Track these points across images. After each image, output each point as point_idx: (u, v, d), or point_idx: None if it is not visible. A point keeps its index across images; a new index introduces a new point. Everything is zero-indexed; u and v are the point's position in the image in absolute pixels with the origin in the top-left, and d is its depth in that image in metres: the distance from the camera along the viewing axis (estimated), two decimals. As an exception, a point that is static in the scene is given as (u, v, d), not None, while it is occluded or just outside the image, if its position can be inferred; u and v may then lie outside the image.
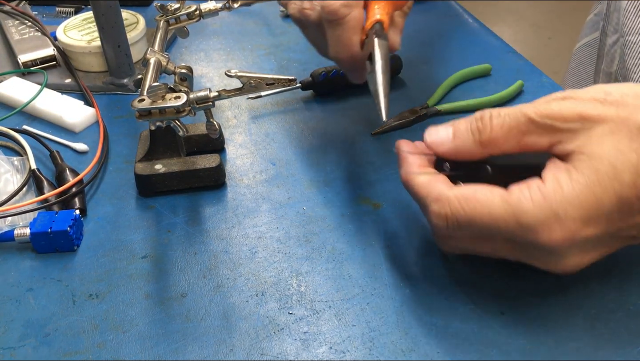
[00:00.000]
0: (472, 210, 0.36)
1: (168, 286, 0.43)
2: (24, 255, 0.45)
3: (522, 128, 0.37)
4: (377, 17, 0.47)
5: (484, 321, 0.40)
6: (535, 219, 0.34)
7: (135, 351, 0.38)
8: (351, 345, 0.39)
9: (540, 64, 0.71)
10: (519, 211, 0.35)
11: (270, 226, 0.48)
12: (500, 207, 0.35)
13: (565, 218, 0.34)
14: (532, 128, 0.36)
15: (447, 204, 0.37)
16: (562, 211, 0.34)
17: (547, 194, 0.34)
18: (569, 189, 0.34)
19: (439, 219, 0.38)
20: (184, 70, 0.50)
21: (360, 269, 0.44)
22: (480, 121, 0.38)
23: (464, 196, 0.37)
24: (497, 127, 0.37)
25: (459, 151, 0.39)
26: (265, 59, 0.71)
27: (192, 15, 0.60)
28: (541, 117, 0.36)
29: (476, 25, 0.77)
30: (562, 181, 0.35)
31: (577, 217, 0.34)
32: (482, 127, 0.38)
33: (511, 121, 0.37)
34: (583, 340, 0.38)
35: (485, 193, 0.36)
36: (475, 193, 0.36)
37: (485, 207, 0.36)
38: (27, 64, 0.66)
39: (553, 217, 0.34)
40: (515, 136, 0.37)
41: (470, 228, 0.37)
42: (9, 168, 0.51)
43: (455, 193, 0.37)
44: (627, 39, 0.64)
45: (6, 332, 0.40)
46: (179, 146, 0.51)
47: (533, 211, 0.34)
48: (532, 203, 0.34)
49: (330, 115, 0.60)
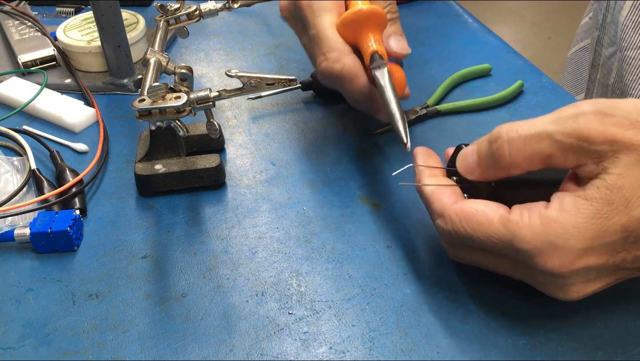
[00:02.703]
0: (472, 230, 0.36)
1: (168, 286, 0.43)
2: (24, 255, 0.45)
3: (545, 151, 0.35)
4: (371, 49, 0.48)
5: (484, 321, 0.40)
6: (531, 246, 0.34)
7: (135, 351, 0.38)
8: (351, 345, 0.39)
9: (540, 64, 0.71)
10: (515, 236, 0.35)
11: (270, 226, 0.48)
12: (499, 230, 0.35)
13: (563, 247, 0.34)
14: (557, 151, 0.34)
15: (449, 220, 0.37)
16: (560, 241, 0.34)
17: (547, 223, 0.34)
18: (571, 220, 0.33)
19: (443, 233, 0.39)
20: (184, 70, 0.50)
21: (360, 269, 0.44)
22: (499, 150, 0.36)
23: (465, 215, 0.37)
24: (518, 152, 0.35)
25: (486, 177, 0.38)
26: (265, 59, 0.71)
27: (192, 15, 0.60)
28: (567, 137, 0.34)
29: (476, 25, 0.77)
30: (566, 209, 0.34)
31: (577, 248, 0.33)
32: (501, 156, 0.36)
33: (534, 145, 0.35)
34: (583, 340, 0.38)
35: (486, 214, 0.36)
36: (475, 213, 0.36)
37: (483, 229, 0.36)
38: (27, 64, 0.66)
39: (550, 246, 0.34)
40: (539, 159, 0.35)
41: (473, 243, 0.37)
42: (9, 168, 0.51)
43: (457, 210, 0.37)
44: (626, 54, 0.63)
45: (6, 332, 0.40)
46: (179, 146, 0.51)
47: (529, 238, 0.34)
48: (530, 229, 0.34)
49: (330, 115, 0.60)
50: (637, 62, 0.62)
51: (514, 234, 0.35)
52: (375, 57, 0.47)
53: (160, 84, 0.45)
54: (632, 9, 0.62)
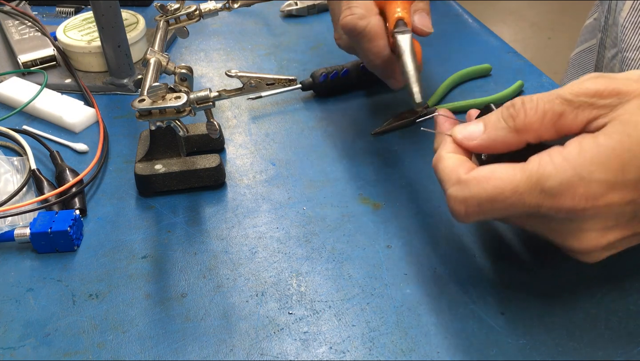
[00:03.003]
0: (494, 188, 0.35)
1: (168, 286, 0.43)
2: (24, 255, 0.45)
3: (557, 110, 0.35)
4: (397, 15, 0.48)
5: (484, 321, 0.40)
6: (558, 181, 0.33)
7: (135, 351, 0.38)
8: (351, 345, 0.39)
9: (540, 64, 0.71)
10: (541, 176, 0.34)
11: (270, 226, 0.48)
12: (522, 177, 0.34)
13: (589, 179, 0.33)
14: (569, 109, 0.35)
15: (466, 187, 0.36)
16: (585, 172, 0.33)
17: (570, 157, 0.34)
18: (593, 152, 0.33)
19: (457, 204, 0.37)
20: (184, 70, 0.50)
21: (360, 269, 0.44)
22: (513, 107, 0.37)
23: (484, 176, 0.36)
24: (532, 111, 0.36)
25: (493, 142, 0.38)
26: (265, 59, 0.71)
27: (192, 15, 0.60)
28: (577, 95, 0.35)
29: (476, 25, 0.77)
30: (585, 145, 0.34)
31: (602, 180, 0.33)
32: (515, 113, 0.36)
33: (545, 104, 0.36)
34: (583, 340, 0.38)
35: (505, 169, 0.35)
36: (493, 171, 0.36)
37: (507, 182, 0.35)
38: (27, 64, 0.66)
39: (576, 178, 0.33)
40: (551, 119, 0.36)
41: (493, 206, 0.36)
42: (9, 168, 0.51)
43: (474, 175, 0.36)
44: (625, 55, 0.63)
45: (6, 332, 0.40)
46: (179, 146, 0.51)
47: (556, 173, 0.34)
48: (554, 166, 0.34)
49: (330, 115, 0.60)
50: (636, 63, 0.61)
51: (538, 174, 0.34)
52: (400, 23, 0.48)
53: (160, 84, 0.45)
54: (631, 10, 0.62)
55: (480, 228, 0.46)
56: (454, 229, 0.46)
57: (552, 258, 0.43)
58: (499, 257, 0.44)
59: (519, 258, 0.44)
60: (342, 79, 0.62)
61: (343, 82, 0.62)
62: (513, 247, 0.45)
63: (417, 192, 0.50)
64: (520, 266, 0.43)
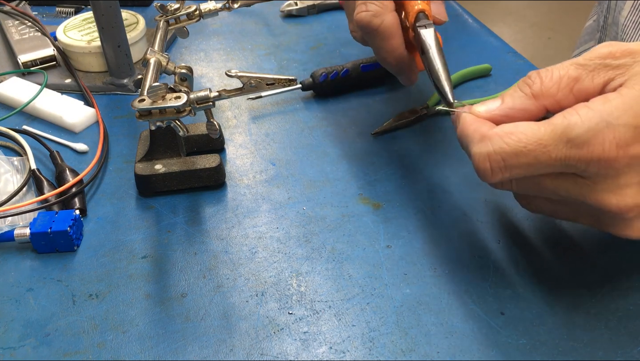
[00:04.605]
0: (517, 142, 0.34)
1: (168, 286, 0.43)
2: (24, 255, 0.45)
3: (572, 74, 0.36)
4: (417, 7, 0.47)
5: (484, 321, 0.40)
6: (585, 128, 0.33)
7: (135, 351, 0.38)
8: (351, 345, 0.39)
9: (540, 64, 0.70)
10: (567, 127, 0.33)
11: (270, 226, 0.48)
12: (547, 130, 0.34)
13: (616, 123, 0.33)
14: (584, 72, 0.36)
15: (489, 142, 0.35)
16: (613, 117, 0.33)
17: (594, 106, 0.34)
18: (618, 100, 0.33)
19: (481, 160, 0.36)
20: (184, 70, 0.50)
21: (360, 269, 0.44)
22: (529, 77, 0.37)
23: (507, 131, 0.35)
24: (547, 77, 0.36)
25: (512, 110, 0.37)
26: (265, 59, 0.71)
27: (192, 15, 0.60)
28: (590, 59, 0.36)
29: (476, 25, 0.77)
30: (609, 96, 0.34)
31: (630, 124, 0.32)
32: (531, 82, 0.37)
33: (560, 70, 0.36)
34: (583, 340, 0.38)
35: (529, 123, 0.35)
36: (517, 126, 0.35)
37: (530, 135, 0.34)
38: (27, 64, 0.66)
39: (604, 124, 0.33)
40: (567, 84, 0.36)
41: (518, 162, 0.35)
42: (9, 168, 0.51)
43: (497, 130, 0.35)
44: None
45: (6, 332, 0.40)
46: (179, 146, 0.51)
47: (582, 122, 0.33)
48: (579, 116, 0.33)
49: (330, 115, 0.60)
50: None
51: (563, 125, 0.33)
52: (421, 15, 0.47)
53: (160, 84, 0.45)
54: (632, 9, 0.62)
55: (481, 228, 0.46)
56: (454, 229, 0.46)
57: (552, 258, 0.43)
58: (499, 257, 0.44)
59: (519, 258, 0.44)
60: (342, 79, 0.62)
61: (343, 82, 0.62)
62: (513, 247, 0.45)
63: (417, 192, 0.50)
64: (521, 266, 0.43)
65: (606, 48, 0.36)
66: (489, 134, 0.36)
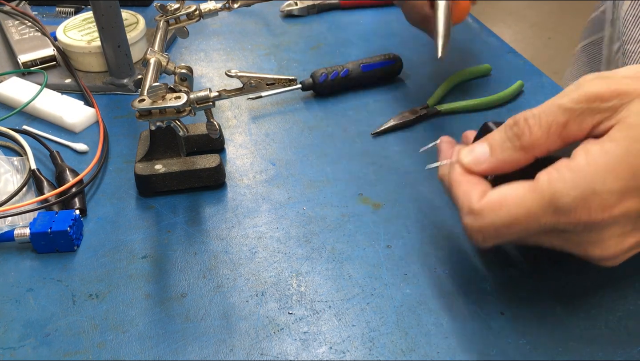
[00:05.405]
0: (507, 214, 0.35)
1: (168, 286, 0.43)
2: (24, 255, 0.45)
3: (561, 121, 0.35)
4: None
5: (484, 321, 0.40)
6: (571, 197, 0.33)
7: (135, 351, 0.38)
8: (351, 345, 0.39)
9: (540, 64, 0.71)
10: (553, 196, 0.33)
11: (270, 226, 0.48)
12: (534, 199, 0.34)
13: (602, 190, 0.33)
14: (572, 117, 0.35)
15: (480, 216, 0.35)
16: (598, 184, 0.33)
17: (579, 170, 0.33)
18: (602, 161, 0.33)
19: (474, 233, 0.36)
20: (184, 70, 0.50)
21: (360, 269, 0.44)
22: (516, 126, 0.36)
23: (497, 203, 0.35)
24: (536, 127, 0.35)
25: (502, 164, 0.37)
26: (265, 59, 0.71)
27: (192, 15, 0.60)
28: (578, 103, 0.34)
29: (476, 26, 0.77)
30: (593, 154, 0.33)
31: (615, 189, 0.33)
32: (520, 132, 0.36)
33: (548, 117, 0.35)
34: (583, 340, 0.38)
35: (515, 192, 0.35)
36: (505, 196, 0.35)
37: (519, 206, 0.34)
38: (27, 64, 0.66)
39: (589, 192, 0.33)
40: (556, 131, 0.35)
41: (509, 231, 0.35)
42: (9, 168, 0.51)
43: (486, 203, 0.35)
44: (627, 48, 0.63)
45: (6, 332, 0.40)
46: (179, 146, 0.51)
47: (567, 190, 0.33)
48: (565, 183, 0.33)
49: (330, 115, 0.60)
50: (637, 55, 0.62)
51: (550, 193, 0.33)
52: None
53: (160, 84, 0.45)
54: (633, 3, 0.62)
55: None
56: (454, 229, 0.46)
57: (552, 259, 0.43)
58: (499, 257, 0.44)
59: (519, 258, 0.44)
60: (342, 79, 0.62)
61: (343, 82, 0.62)
62: (513, 247, 0.45)
63: (417, 192, 0.50)
64: (520, 266, 0.43)
65: (594, 87, 0.35)
66: (479, 208, 0.36)
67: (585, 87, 0.35)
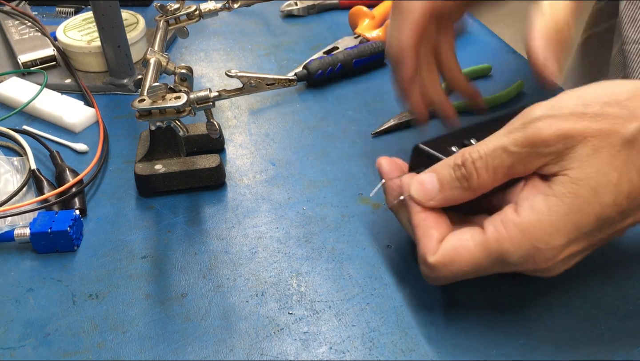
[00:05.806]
0: (458, 269, 0.37)
1: (168, 286, 0.43)
2: (24, 255, 0.45)
3: (506, 164, 0.36)
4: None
5: (484, 321, 0.40)
6: (517, 256, 0.35)
7: (135, 351, 0.38)
8: (351, 345, 0.39)
9: (540, 64, 0.70)
10: (500, 255, 0.35)
11: (270, 226, 0.48)
12: (483, 258, 0.36)
13: (546, 248, 0.35)
14: (517, 160, 0.36)
15: (434, 271, 0.37)
16: (543, 244, 0.35)
17: (525, 230, 0.35)
18: (547, 221, 0.34)
19: (430, 280, 0.39)
20: (184, 70, 0.50)
21: (360, 269, 0.44)
22: (464, 167, 0.37)
23: (449, 259, 0.37)
24: (483, 170, 0.36)
25: (450, 201, 0.38)
26: (265, 59, 0.71)
27: (192, 15, 0.60)
28: (522, 147, 0.35)
29: (476, 26, 0.77)
30: (539, 211, 0.35)
31: (558, 245, 0.35)
32: (468, 175, 0.37)
33: (494, 160, 0.36)
34: (583, 340, 0.38)
35: (466, 248, 0.36)
36: (456, 251, 0.36)
37: (469, 263, 0.36)
38: (27, 64, 0.66)
39: (535, 250, 0.35)
40: (502, 172, 0.36)
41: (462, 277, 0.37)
42: (9, 168, 0.51)
43: (438, 260, 0.37)
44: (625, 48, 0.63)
45: (6, 332, 0.40)
46: (179, 146, 0.51)
47: (514, 250, 0.35)
48: (512, 243, 0.35)
49: (330, 115, 0.60)
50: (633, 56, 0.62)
51: (498, 252, 0.35)
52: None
53: (160, 84, 0.45)
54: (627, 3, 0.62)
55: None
56: (454, 229, 0.46)
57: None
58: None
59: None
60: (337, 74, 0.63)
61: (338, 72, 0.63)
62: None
63: (417, 192, 0.50)
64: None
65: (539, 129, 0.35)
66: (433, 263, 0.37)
67: (530, 130, 0.35)
